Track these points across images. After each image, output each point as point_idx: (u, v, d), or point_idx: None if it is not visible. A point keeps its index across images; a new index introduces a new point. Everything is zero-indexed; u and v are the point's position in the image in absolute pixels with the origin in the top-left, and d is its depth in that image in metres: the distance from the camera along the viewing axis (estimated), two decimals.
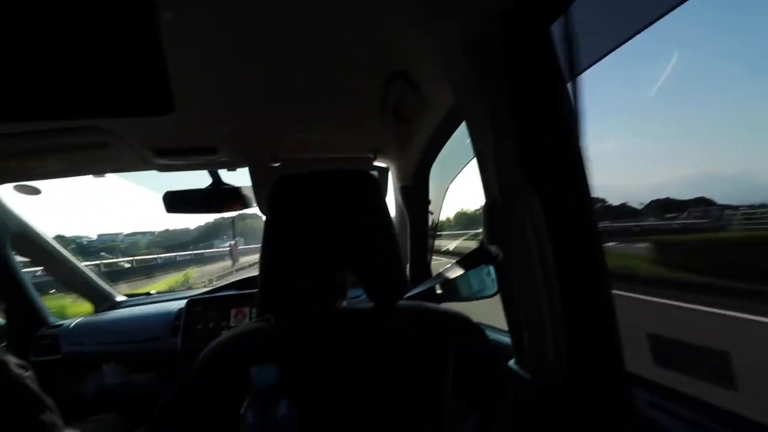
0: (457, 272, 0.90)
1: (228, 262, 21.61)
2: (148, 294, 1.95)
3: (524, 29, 0.60)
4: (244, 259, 21.97)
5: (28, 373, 0.61)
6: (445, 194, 1.49)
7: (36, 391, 0.60)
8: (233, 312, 1.47)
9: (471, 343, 0.65)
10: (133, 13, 0.58)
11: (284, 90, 0.90)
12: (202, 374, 0.59)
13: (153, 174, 1.32)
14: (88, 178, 1.27)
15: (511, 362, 0.81)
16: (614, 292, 0.63)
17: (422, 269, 1.50)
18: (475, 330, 0.67)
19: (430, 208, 1.47)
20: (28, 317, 1.53)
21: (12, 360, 0.60)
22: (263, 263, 0.63)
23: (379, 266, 0.65)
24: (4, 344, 1.50)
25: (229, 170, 1.33)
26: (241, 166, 1.28)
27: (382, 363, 0.60)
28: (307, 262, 0.63)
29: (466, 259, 0.84)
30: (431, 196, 1.45)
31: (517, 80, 0.62)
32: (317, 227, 0.64)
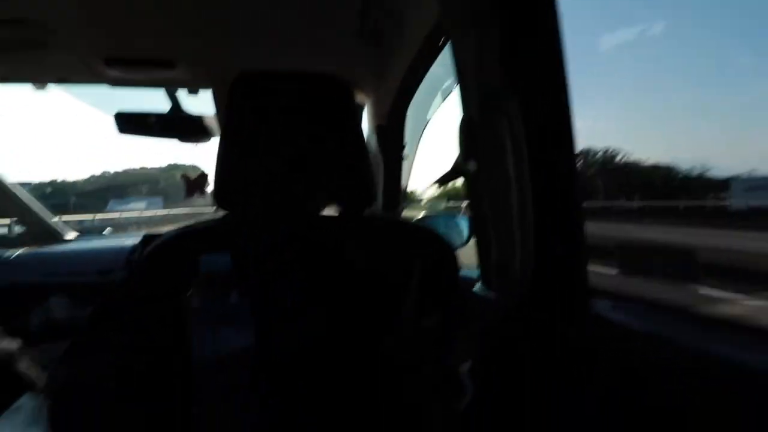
0: (431, 193, 0.89)
1: None
2: (101, 234, 1.85)
3: None
4: None
5: None
6: (419, 140, 1.46)
7: None
8: None
9: (439, 254, 0.63)
10: None
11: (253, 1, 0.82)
12: (148, 267, 0.54)
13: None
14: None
15: (477, 286, 0.82)
16: None
17: None
18: (443, 244, 0.65)
19: (405, 152, 1.43)
20: None
21: None
22: (218, 159, 0.59)
23: (347, 174, 0.62)
24: None
25: (190, 93, 1.23)
26: (204, 87, 1.18)
27: (343, 264, 0.58)
28: (266, 162, 0.59)
29: (441, 178, 0.82)
30: (406, 140, 1.41)
31: None
32: (280, 129, 0.59)
